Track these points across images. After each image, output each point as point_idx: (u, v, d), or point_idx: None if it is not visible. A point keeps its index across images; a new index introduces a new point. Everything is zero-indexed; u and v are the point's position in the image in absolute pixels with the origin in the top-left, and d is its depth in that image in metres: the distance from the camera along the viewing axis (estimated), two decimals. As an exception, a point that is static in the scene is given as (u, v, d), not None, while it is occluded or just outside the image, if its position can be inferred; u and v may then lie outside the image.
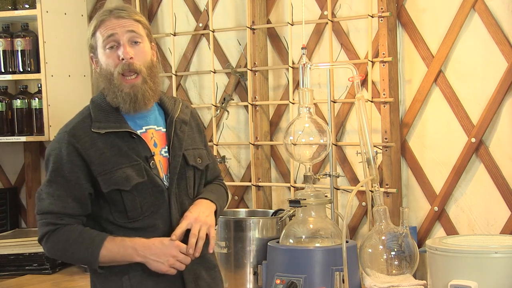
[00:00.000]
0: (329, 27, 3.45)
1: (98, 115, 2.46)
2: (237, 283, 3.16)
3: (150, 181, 2.45)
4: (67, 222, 2.41)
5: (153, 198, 2.45)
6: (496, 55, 3.16)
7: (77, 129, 2.43)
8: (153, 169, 2.46)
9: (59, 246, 2.42)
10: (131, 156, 2.44)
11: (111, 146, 2.43)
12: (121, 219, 2.44)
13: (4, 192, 4.24)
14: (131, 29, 2.45)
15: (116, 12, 2.46)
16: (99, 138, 2.42)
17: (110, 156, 2.42)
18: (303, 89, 2.99)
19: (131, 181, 2.42)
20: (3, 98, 3.97)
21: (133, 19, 2.47)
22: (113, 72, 2.43)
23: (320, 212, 2.97)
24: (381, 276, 2.92)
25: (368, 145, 3.00)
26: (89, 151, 2.41)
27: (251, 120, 3.68)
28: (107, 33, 2.43)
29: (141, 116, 2.51)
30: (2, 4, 3.89)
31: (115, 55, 2.43)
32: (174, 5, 3.85)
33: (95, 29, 2.46)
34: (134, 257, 2.40)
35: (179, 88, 3.94)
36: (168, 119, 2.55)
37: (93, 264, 2.42)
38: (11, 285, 3.43)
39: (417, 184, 3.38)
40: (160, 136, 2.53)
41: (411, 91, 3.36)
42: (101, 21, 2.45)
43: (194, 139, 2.61)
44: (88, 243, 2.40)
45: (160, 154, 2.51)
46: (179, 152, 2.52)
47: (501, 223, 3.19)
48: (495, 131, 3.19)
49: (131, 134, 2.45)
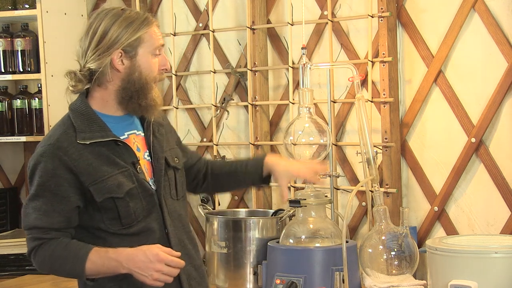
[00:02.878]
0: (329, 27, 3.45)
1: (81, 124, 2.42)
2: (237, 283, 3.16)
3: (140, 186, 2.43)
4: (53, 236, 2.37)
5: (144, 202, 2.44)
6: (496, 55, 3.16)
7: (61, 141, 2.38)
8: (140, 174, 2.45)
9: (46, 261, 2.39)
10: (119, 163, 2.42)
11: (98, 155, 2.40)
12: (114, 226, 2.41)
13: (4, 192, 4.24)
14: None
15: (155, 21, 2.48)
16: (85, 148, 2.39)
17: (98, 166, 2.39)
18: (303, 89, 2.99)
19: (123, 187, 2.40)
20: (3, 98, 3.97)
21: None
22: (154, 78, 2.46)
23: (320, 212, 2.97)
24: (381, 276, 2.92)
25: (368, 145, 3.00)
26: (77, 163, 2.37)
27: (251, 120, 3.68)
28: (161, 42, 2.47)
29: (122, 120, 2.49)
30: (2, 4, 3.89)
31: (157, 63, 2.47)
32: (174, 5, 3.85)
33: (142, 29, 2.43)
34: (119, 269, 2.35)
35: (179, 88, 3.94)
36: (146, 123, 2.54)
37: (80, 277, 2.41)
38: (11, 285, 3.43)
39: (417, 184, 3.38)
40: (141, 141, 2.52)
41: (411, 91, 3.36)
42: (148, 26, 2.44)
43: (168, 139, 2.61)
44: (73, 257, 2.36)
45: (144, 158, 2.50)
46: (162, 154, 2.52)
47: (501, 223, 3.19)
48: (495, 131, 3.19)
49: (116, 142, 2.43)
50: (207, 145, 3.87)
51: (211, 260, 3.22)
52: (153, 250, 2.34)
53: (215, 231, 3.18)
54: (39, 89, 3.89)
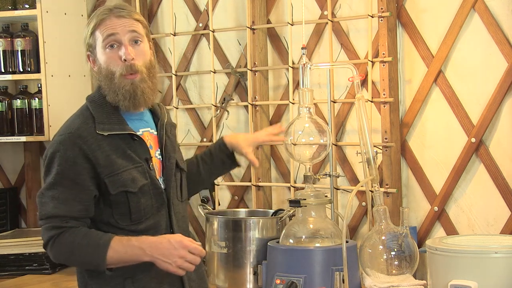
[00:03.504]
0: (329, 27, 3.45)
1: (100, 116, 2.44)
2: (237, 283, 3.16)
3: (151, 183, 2.45)
4: (72, 225, 2.36)
5: (154, 200, 2.46)
6: (496, 55, 3.16)
7: (82, 130, 2.40)
8: (152, 171, 2.47)
9: (65, 250, 2.37)
10: (134, 158, 2.43)
11: (116, 148, 2.42)
12: (123, 221, 2.42)
13: (4, 192, 4.24)
14: (132, 28, 2.43)
15: (117, 11, 2.43)
16: (104, 140, 2.40)
17: (116, 158, 2.40)
18: (303, 89, 2.99)
19: (137, 182, 2.41)
20: (3, 98, 3.97)
21: (133, 19, 2.45)
22: (115, 72, 2.42)
23: (320, 212, 2.97)
24: (381, 276, 2.92)
25: (368, 145, 3.00)
26: (95, 153, 2.38)
27: (251, 120, 3.68)
28: (107, 32, 2.41)
29: (137, 118, 2.51)
30: (2, 4, 3.89)
31: (116, 55, 2.42)
32: (174, 5, 3.84)
33: (94, 28, 2.44)
34: (142, 257, 2.35)
35: (179, 88, 3.94)
36: (159, 122, 2.56)
37: (100, 266, 2.36)
38: (11, 285, 3.43)
39: (417, 184, 3.38)
40: (153, 139, 2.54)
41: (411, 91, 3.36)
42: (101, 20, 2.43)
43: (175, 141, 2.64)
44: (94, 245, 2.35)
45: (155, 156, 2.52)
46: (173, 154, 2.54)
47: (501, 223, 3.19)
48: (495, 131, 3.19)
49: (132, 136, 2.45)
50: (207, 145, 3.87)
51: (211, 260, 3.22)
52: (177, 238, 2.37)
53: (215, 231, 3.18)
54: (39, 89, 3.89)
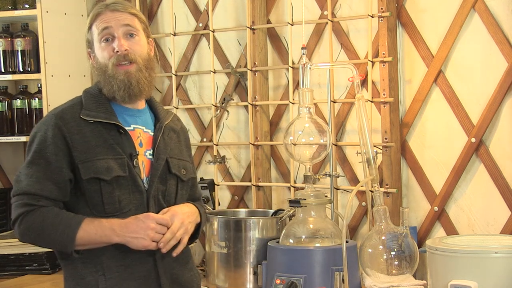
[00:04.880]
0: (329, 27, 3.45)
1: (90, 104, 2.46)
2: (237, 283, 3.16)
3: (131, 178, 2.43)
4: (44, 204, 2.36)
5: (132, 196, 2.43)
6: (496, 55, 3.16)
7: (65, 113, 2.42)
8: (136, 168, 2.44)
9: (34, 227, 2.35)
10: (115, 149, 2.42)
11: (98, 136, 2.41)
12: (98, 212, 2.39)
13: (4, 192, 4.23)
14: (126, 22, 2.45)
15: (112, 6, 2.46)
16: (87, 126, 2.41)
17: (94, 146, 2.40)
18: (303, 89, 2.98)
19: (111, 172, 2.39)
20: (3, 98, 3.97)
21: (128, 13, 2.47)
22: (108, 64, 2.43)
23: (320, 212, 2.97)
24: (381, 276, 2.92)
25: (368, 145, 3.00)
26: (74, 136, 2.39)
27: (251, 120, 3.68)
28: (102, 26, 2.43)
29: (132, 114, 2.51)
30: (2, 4, 3.89)
31: (110, 48, 2.43)
32: (174, 5, 3.85)
33: (91, 22, 2.47)
34: (112, 238, 2.35)
35: (179, 88, 3.94)
36: (158, 124, 2.54)
37: (68, 247, 2.35)
38: (11, 285, 3.43)
39: (417, 184, 3.38)
40: (147, 138, 2.52)
41: (411, 91, 3.36)
42: (96, 14, 2.46)
43: (182, 151, 2.60)
44: (65, 224, 2.34)
45: (144, 155, 2.49)
46: (163, 156, 2.50)
47: (501, 223, 3.19)
48: (495, 131, 3.20)
49: (119, 129, 2.44)
50: (207, 145, 3.87)
51: (211, 260, 3.22)
52: (143, 214, 2.38)
53: (215, 231, 3.18)
54: (39, 89, 3.89)
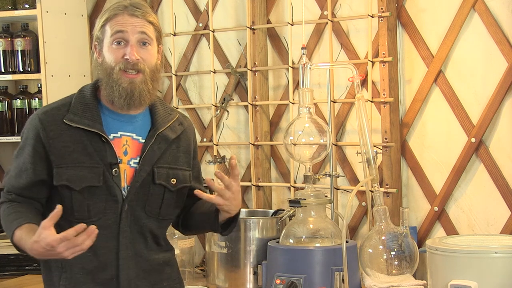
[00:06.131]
0: (329, 27, 3.45)
1: (77, 107, 2.42)
2: (237, 283, 3.16)
3: (106, 188, 2.38)
4: (12, 199, 2.39)
5: (105, 205, 2.38)
6: (496, 55, 3.17)
7: (48, 115, 2.40)
8: (115, 177, 2.38)
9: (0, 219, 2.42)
10: (93, 158, 2.37)
11: (77, 142, 2.38)
12: (68, 216, 2.34)
13: (4, 192, 4.24)
14: (143, 30, 2.39)
15: (131, 9, 2.39)
16: (68, 130, 2.38)
17: (71, 152, 2.37)
18: (303, 89, 2.99)
19: (83, 181, 2.36)
20: (3, 98, 3.96)
21: (146, 20, 2.40)
22: (114, 67, 2.37)
23: (320, 212, 2.97)
24: (381, 276, 2.93)
25: (368, 145, 3.00)
26: (52, 141, 2.37)
27: (251, 120, 3.68)
28: (116, 28, 2.37)
29: (123, 120, 2.44)
30: (2, 4, 3.89)
31: (121, 52, 2.37)
32: (174, 5, 3.85)
33: (106, 21, 2.40)
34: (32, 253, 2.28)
35: (179, 88, 3.94)
36: (151, 132, 2.46)
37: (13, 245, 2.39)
38: (11, 285, 3.43)
39: (417, 184, 3.38)
40: (135, 146, 2.44)
41: (411, 91, 3.36)
42: (114, 15, 2.39)
43: (177, 158, 2.50)
44: (8, 225, 2.36)
45: (127, 163, 2.42)
46: (147, 167, 2.42)
47: (501, 223, 3.19)
48: (495, 131, 3.20)
49: (101, 137, 2.39)
50: (207, 145, 3.87)
51: (211, 260, 3.22)
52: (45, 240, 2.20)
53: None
54: (39, 89, 3.89)
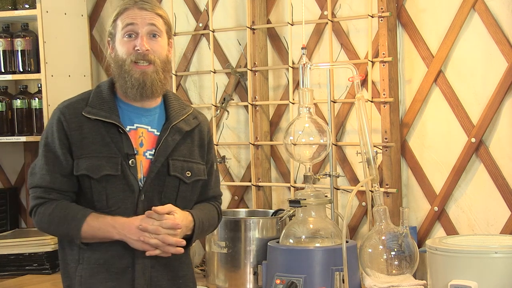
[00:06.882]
0: (329, 27, 3.45)
1: (95, 101, 2.50)
2: (237, 283, 3.16)
3: (123, 177, 2.45)
4: (54, 197, 2.45)
5: (122, 195, 2.45)
6: (496, 55, 3.16)
7: (69, 108, 2.49)
8: (132, 168, 2.46)
9: (44, 220, 2.45)
10: (111, 148, 2.46)
11: (96, 133, 2.46)
12: (90, 207, 2.45)
13: (4, 192, 4.24)
14: (152, 22, 2.49)
15: (140, 3, 2.50)
16: (87, 122, 2.46)
17: (90, 143, 2.45)
18: (303, 89, 2.99)
19: (101, 170, 2.43)
20: (3, 98, 3.97)
21: (155, 13, 2.51)
22: (126, 59, 2.47)
23: (320, 212, 2.97)
24: (381, 276, 2.92)
25: (368, 145, 3.00)
26: (73, 132, 2.45)
27: (251, 120, 3.68)
28: (127, 21, 2.48)
29: (139, 112, 2.52)
30: (2, 4, 3.89)
31: (131, 44, 2.47)
32: (174, 5, 3.84)
33: (117, 16, 2.51)
34: (113, 235, 2.41)
35: (179, 88, 3.94)
36: (165, 124, 2.55)
37: (75, 238, 2.44)
38: (11, 285, 3.43)
39: (417, 184, 3.38)
40: (150, 138, 2.53)
41: (411, 91, 3.36)
42: (124, 9, 2.50)
43: (192, 152, 2.58)
44: (72, 218, 2.42)
45: (143, 155, 2.50)
46: (162, 158, 2.50)
47: (501, 223, 3.19)
48: (495, 131, 3.20)
49: (118, 128, 2.47)
50: (207, 145, 3.87)
51: (211, 260, 3.22)
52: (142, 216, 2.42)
53: (215, 231, 3.18)
54: (39, 89, 3.89)
